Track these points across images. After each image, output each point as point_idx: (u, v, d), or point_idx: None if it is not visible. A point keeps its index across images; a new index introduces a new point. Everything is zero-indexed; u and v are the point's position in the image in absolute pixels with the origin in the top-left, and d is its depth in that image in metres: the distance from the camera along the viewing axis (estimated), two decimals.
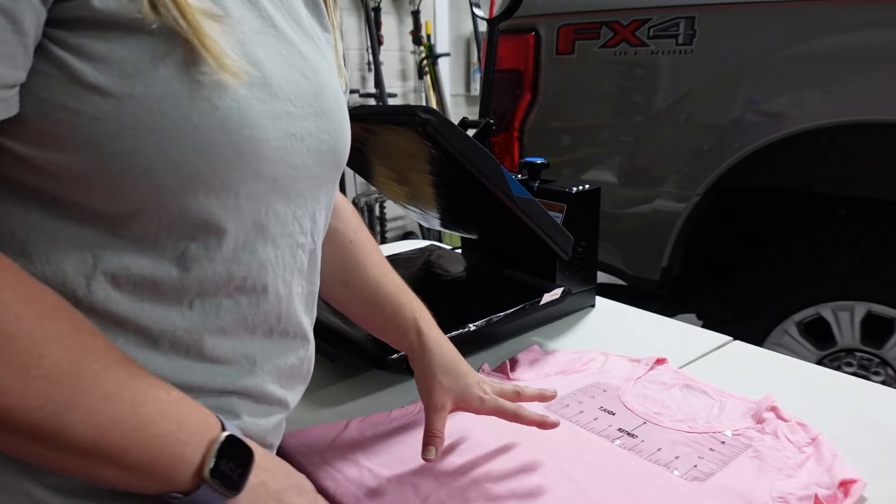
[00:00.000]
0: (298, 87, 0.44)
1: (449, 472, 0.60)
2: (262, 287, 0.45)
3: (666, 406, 0.71)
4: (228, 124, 0.39)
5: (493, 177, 0.75)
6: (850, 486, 0.56)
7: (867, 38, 1.25)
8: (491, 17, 1.23)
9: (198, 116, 0.37)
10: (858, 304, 1.38)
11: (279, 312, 0.47)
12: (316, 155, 0.46)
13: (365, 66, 3.27)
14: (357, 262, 0.65)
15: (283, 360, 0.50)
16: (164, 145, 0.37)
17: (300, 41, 0.46)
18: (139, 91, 0.36)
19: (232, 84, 0.38)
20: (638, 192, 1.57)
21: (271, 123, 0.41)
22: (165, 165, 0.37)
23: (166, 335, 0.41)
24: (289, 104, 0.43)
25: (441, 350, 0.63)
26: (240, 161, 0.40)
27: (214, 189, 0.40)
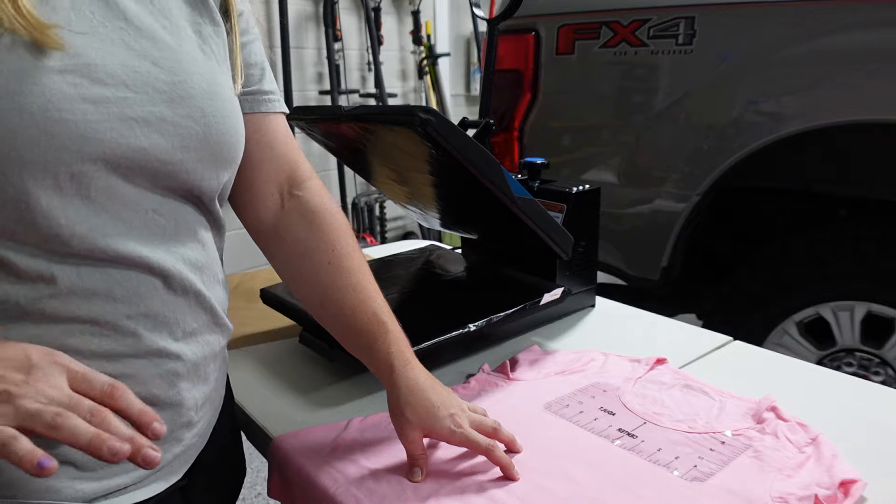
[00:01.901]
0: (142, 74, 0.46)
1: (449, 472, 0.60)
2: (114, 257, 0.47)
3: (666, 406, 0.71)
4: (29, 107, 0.41)
5: (493, 177, 0.75)
6: (850, 486, 0.56)
7: (867, 38, 1.25)
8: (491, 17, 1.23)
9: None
10: (858, 304, 1.38)
11: (142, 277, 0.49)
12: (178, 140, 0.48)
13: (365, 66, 3.27)
14: (333, 286, 0.63)
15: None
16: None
17: (160, 30, 0.49)
18: None
19: (35, 71, 0.41)
20: (638, 192, 1.57)
21: (93, 107, 0.43)
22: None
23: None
24: (124, 89, 0.45)
25: (410, 387, 0.60)
26: (49, 141, 0.42)
27: (27, 169, 0.42)
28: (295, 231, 0.64)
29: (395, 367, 0.61)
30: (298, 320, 0.88)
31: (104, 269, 0.47)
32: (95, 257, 0.46)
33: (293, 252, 0.64)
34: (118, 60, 0.45)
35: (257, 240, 0.67)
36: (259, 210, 0.65)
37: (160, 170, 0.48)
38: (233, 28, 0.57)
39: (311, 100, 3.04)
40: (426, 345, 0.75)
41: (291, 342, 0.90)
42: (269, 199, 0.65)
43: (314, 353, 0.84)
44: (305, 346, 0.85)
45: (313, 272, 0.63)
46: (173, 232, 0.51)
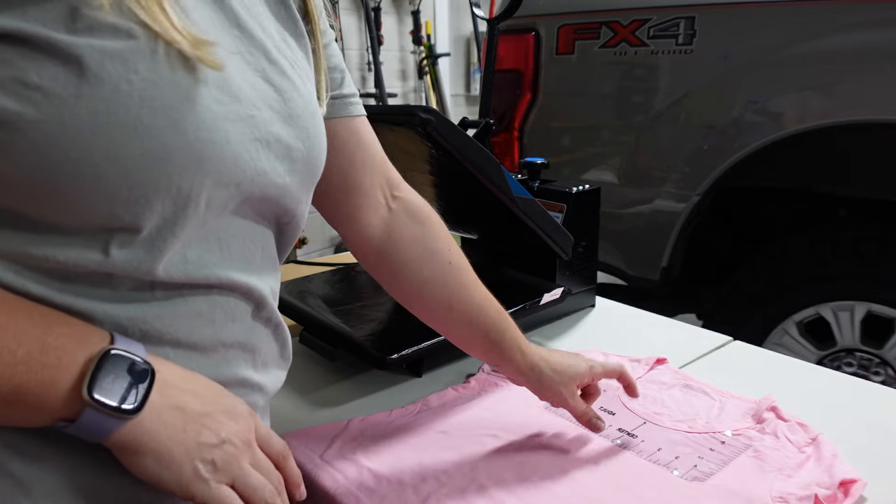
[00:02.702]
0: (260, 91, 0.42)
1: (449, 472, 0.60)
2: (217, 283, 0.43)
3: (666, 406, 0.71)
4: (183, 126, 0.36)
5: (493, 177, 0.75)
6: (850, 486, 0.56)
7: (867, 38, 1.25)
8: (491, 17, 1.23)
9: (149, 117, 0.35)
10: (858, 304, 1.38)
11: (238, 302, 0.45)
12: (288, 163, 0.45)
13: (365, 66, 3.27)
14: (461, 285, 0.62)
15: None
16: (116, 150, 0.35)
17: (265, 40, 0.45)
18: (86, 91, 0.34)
19: (186, 84, 0.37)
20: (638, 192, 1.57)
21: (232, 127, 0.39)
22: (119, 174, 0.35)
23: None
24: (251, 107, 0.41)
25: (545, 358, 0.63)
26: (199, 166, 0.38)
27: (170, 197, 0.37)
28: (410, 233, 0.62)
29: (526, 351, 0.63)
30: (298, 320, 0.88)
31: (207, 292, 0.43)
32: (200, 283, 0.42)
33: (412, 256, 0.62)
34: (242, 75, 0.41)
35: (367, 255, 0.63)
36: (370, 216, 0.61)
37: (269, 194, 0.44)
38: (314, 31, 0.52)
39: None
40: (426, 345, 0.75)
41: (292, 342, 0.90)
42: (377, 202, 0.61)
43: (314, 353, 0.84)
44: (306, 346, 0.85)
45: (439, 274, 0.62)
46: (259, 261, 0.47)
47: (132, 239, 0.38)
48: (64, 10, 0.34)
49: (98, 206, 0.36)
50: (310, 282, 1.00)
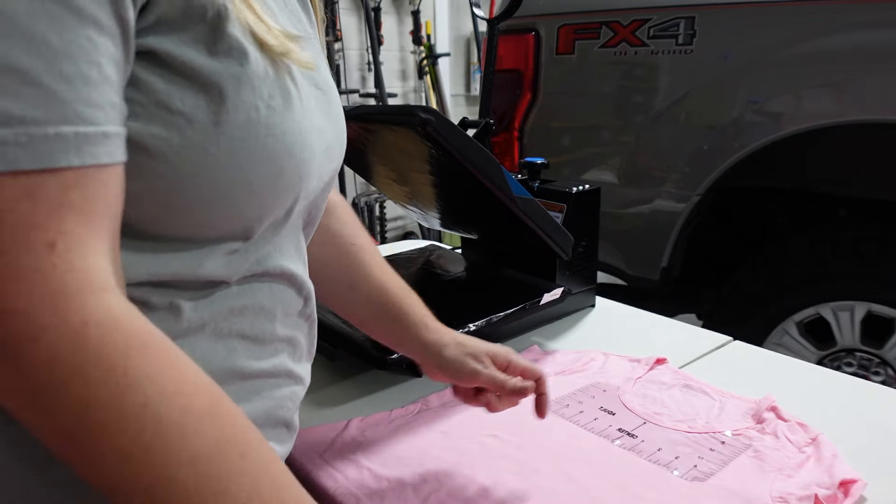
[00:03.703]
0: (322, 99, 0.43)
1: (449, 472, 0.60)
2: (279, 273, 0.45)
3: (666, 406, 0.71)
4: (292, 148, 0.38)
5: (493, 177, 0.75)
6: (850, 486, 0.56)
7: (867, 38, 1.25)
8: (491, 17, 1.23)
9: (272, 143, 0.37)
10: (858, 304, 1.38)
11: (291, 294, 0.47)
12: (336, 163, 0.47)
13: (365, 66, 3.26)
14: (362, 266, 0.64)
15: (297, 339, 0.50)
16: (245, 175, 0.37)
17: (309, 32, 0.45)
18: (224, 118, 0.35)
19: (296, 107, 0.38)
20: (638, 192, 1.57)
21: (316, 141, 0.41)
22: (243, 193, 0.37)
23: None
24: (321, 115, 0.43)
25: (455, 336, 0.63)
26: (298, 184, 0.40)
27: (277, 211, 0.40)
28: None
29: (431, 327, 0.62)
30: None
31: (271, 283, 0.44)
32: (269, 272, 0.44)
33: (314, 239, 0.64)
34: (325, 85, 0.43)
35: None
36: None
37: (322, 195, 0.47)
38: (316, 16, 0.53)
39: None
40: None
41: None
42: None
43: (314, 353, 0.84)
44: None
45: (342, 255, 0.63)
46: (303, 257, 0.50)
47: (237, 247, 0.40)
48: (205, 32, 0.34)
49: (219, 222, 0.38)
50: None
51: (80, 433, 0.30)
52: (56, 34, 0.28)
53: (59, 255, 0.29)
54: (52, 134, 0.29)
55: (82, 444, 0.30)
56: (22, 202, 0.28)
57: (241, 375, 0.43)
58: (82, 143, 0.30)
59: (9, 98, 0.28)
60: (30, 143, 0.28)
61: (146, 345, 0.31)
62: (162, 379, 0.31)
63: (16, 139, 0.28)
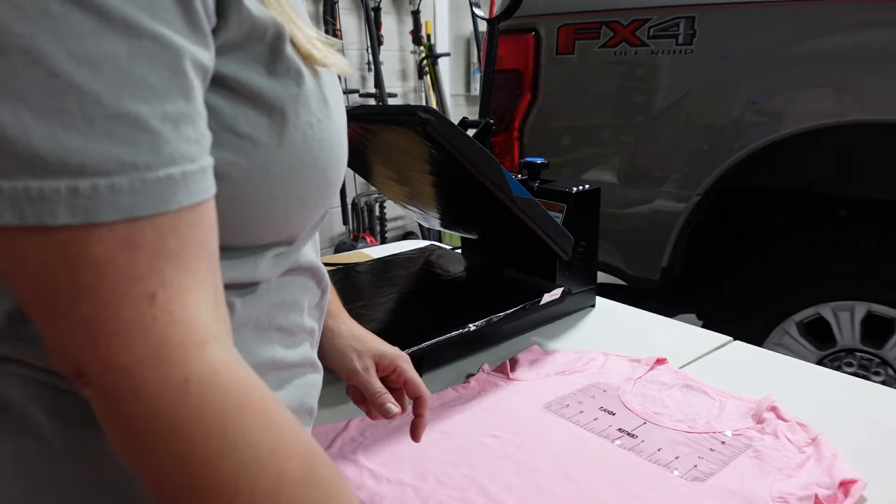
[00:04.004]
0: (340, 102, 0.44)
1: (449, 472, 0.60)
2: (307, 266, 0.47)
3: (666, 406, 0.71)
4: (337, 158, 0.40)
5: (493, 177, 0.75)
6: (850, 486, 0.56)
7: (867, 38, 1.25)
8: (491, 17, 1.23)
9: (323, 156, 0.38)
10: (858, 304, 1.38)
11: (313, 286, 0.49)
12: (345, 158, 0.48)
13: (365, 66, 3.26)
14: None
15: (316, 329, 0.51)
16: (300, 188, 0.38)
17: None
18: (286, 138, 0.36)
19: (334, 115, 0.39)
20: (638, 192, 1.57)
21: (345, 143, 0.43)
22: (296, 205, 0.38)
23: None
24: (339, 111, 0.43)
25: (352, 328, 0.62)
26: (336, 189, 0.42)
27: (318, 216, 0.42)
28: None
29: (334, 313, 0.61)
30: None
31: (298, 278, 0.46)
32: (300, 268, 0.45)
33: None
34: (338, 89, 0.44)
35: None
36: None
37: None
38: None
39: None
40: (426, 345, 0.75)
41: None
42: None
43: None
44: None
45: None
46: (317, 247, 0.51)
47: (283, 250, 0.42)
48: (264, 52, 0.34)
49: (272, 232, 0.39)
50: None
51: (176, 491, 0.30)
52: (157, 75, 0.28)
53: (160, 306, 0.29)
54: (164, 177, 0.28)
55: (177, 500, 0.30)
56: (121, 254, 0.28)
57: (279, 366, 0.45)
58: (189, 181, 0.29)
59: (121, 145, 0.27)
60: (143, 188, 0.28)
61: (244, 403, 0.31)
62: (258, 442, 0.30)
63: (131, 186, 0.27)
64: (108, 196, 0.27)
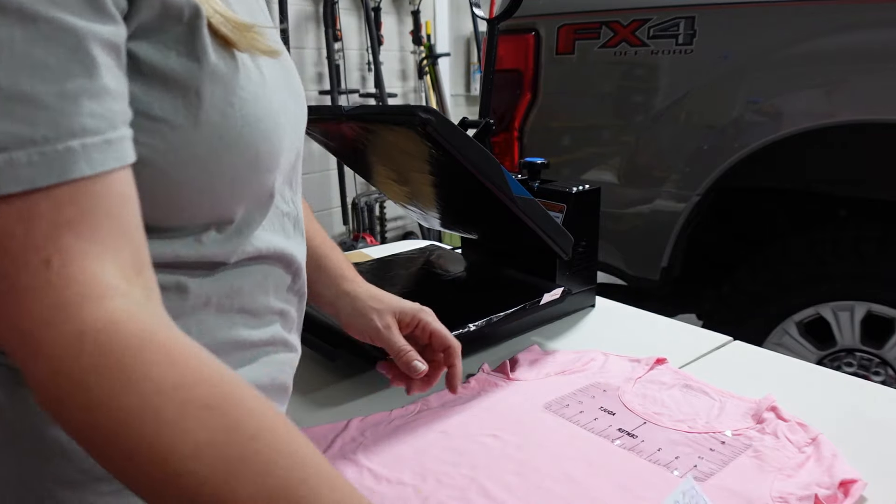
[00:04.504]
0: (285, 75, 0.46)
1: (449, 472, 0.60)
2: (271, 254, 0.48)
3: (666, 406, 0.71)
4: (267, 133, 0.40)
5: (493, 177, 0.75)
6: (850, 486, 0.56)
7: (867, 38, 1.25)
8: (491, 17, 1.23)
9: (248, 132, 0.39)
10: (858, 304, 1.38)
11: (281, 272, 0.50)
12: (300, 134, 0.49)
13: (365, 66, 3.26)
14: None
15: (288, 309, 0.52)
16: (225, 166, 0.39)
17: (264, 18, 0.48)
18: (203, 118, 0.36)
19: (261, 92, 0.40)
20: (638, 192, 1.57)
21: (285, 120, 0.43)
22: (223, 183, 0.39)
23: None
24: (286, 95, 0.45)
25: (369, 289, 0.63)
26: (274, 163, 0.42)
27: (256, 193, 0.43)
28: None
29: (349, 277, 0.63)
30: None
31: (263, 263, 0.47)
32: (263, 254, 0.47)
33: None
34: (283, 67, 0.46)
35: None
36: None
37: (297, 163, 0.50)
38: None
39: (311, 100, 3.03)
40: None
41: None
42: None
43: (314, 353, 0.84)
44: (306, 346, 0.85)
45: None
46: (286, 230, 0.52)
47: (223, 230, 0.42)
48: (182, 33, 0.36)
49: (203, 211, 0.40)
50: None
51: (91, 440, 0.31)
52: (55, 56, 0.30)
53: (56, 271, 0.30)
54: (62, 150, 0.30)
55: (97, 449, 0.31)
56: (18, 225, 0.29)
57: (244, 345, 0.47)
58: (91, 152, 0.31)
59: (19, 123, 0.29)
60: (41, 161, 0.29)
61: (142, 346, 0.31)
62: (159, 376, 0.31)
63: (29, 160, 0.29)
64: (6, 170, 0.29)
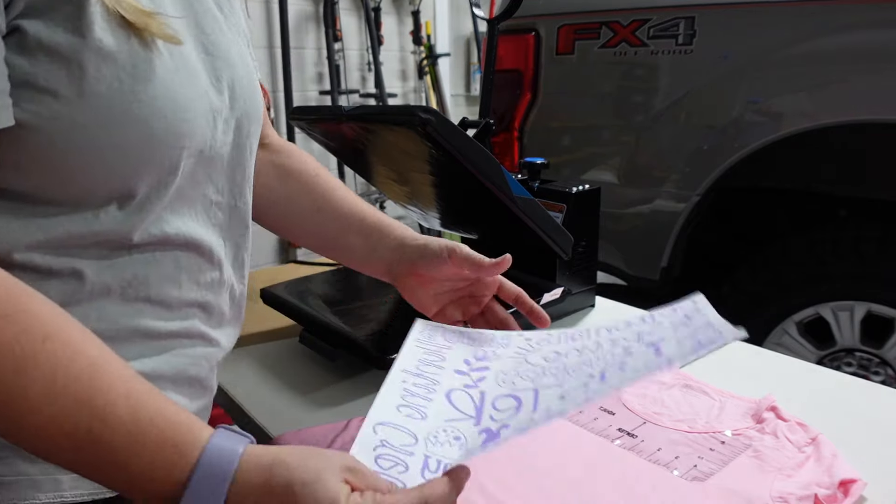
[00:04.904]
0: (211, 64, 0.47)
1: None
2: (184, 242, 0.48)
3: (666, 406, 0.71)
4: (164, 111, 0.42)
5: (493, 177, 0.75)
6: (850, 485, 0.56)
7: (867, 38, 1.25)
8: (491, 17, 1.23)
9: (138, 108, 0.40)
10: (858, 304, 1.38)
11: (200, 263, 0.50)
12: (231, 123, 0.50)
13: (365, 67, 3.27)
14: (328, 189, 0.70)
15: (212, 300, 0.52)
16: (114, 137, 0.40)
17: (207, 15, 0.49)
18: (87, 89, 0.38)
19: (161, 72, 0.41)
20: (638, 192, 1.57)
21: (198, 103, 0.45)
22: (115, 155, 0.41)
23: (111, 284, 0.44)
24: (207, 83, 0.46)
25: (426, 237, 0.67)
26: (176, 142, 0.43)
27: (157, 169, 0.43)
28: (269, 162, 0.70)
29: (410, 230, 0.68)
30: (298, 320, 0.88)
31: (175, 252, 0.48)
32: (171, 241, 0.47)
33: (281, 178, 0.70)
34: (197, 53, 0.46)
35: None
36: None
37: (222, 159, 0.50)
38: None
39: (311, 100, 3.04)
40: None
41: (291, 342, 0.90)
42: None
43: (314, 353, 0.84)
44: (305, 346, 0.85)
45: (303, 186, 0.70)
46: (225, 221, 0.53)
47: (123, 206, 0.43)
48: (70, 12, 0.38)
49: (99, 183, 0.41)
50: (310, 282, 1.00)
51: None
52: None
53: None
54: None
55: None
56: None
57: (148, 335, 0.47)
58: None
59: None
60: None
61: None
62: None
63: None
64: None
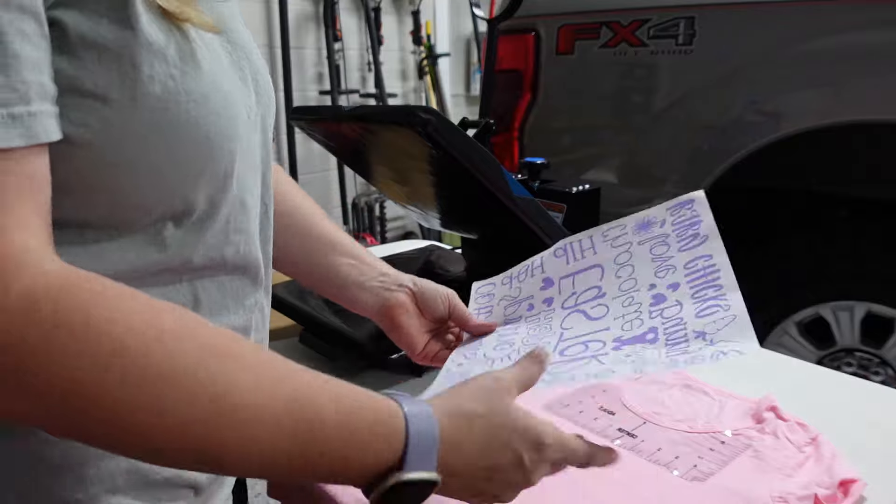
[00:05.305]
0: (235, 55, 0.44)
1: None
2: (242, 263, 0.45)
3: (666, 406, 0.71)
4: (216, 111, 0.38)
5: (493, 177, 0.75)
6: (849, 486, 0.56)
7: (867, 38, 1.25)
8: (491, 17, 1.23)
9: (195, 109, 0.37)
10: (858, 304, 1.38)
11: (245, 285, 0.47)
12: (258, 120, 0.47)
13: (365, 66, 3.27)
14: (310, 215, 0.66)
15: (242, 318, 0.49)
16: (173, 146, 0.36)
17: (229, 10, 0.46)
18: (140, 91, 0.34)
19: (206, 67, 0.38)
20: (638, 192, 1.57)
21: (237, 97, 0.41)
22: (171, 165, 0.37)
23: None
24: (235, 77, 0.43)
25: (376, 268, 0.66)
26: (228, 145, 0.40)
27: (213, 178, 0.40)
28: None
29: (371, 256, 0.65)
30: (299, 320, 0.88)
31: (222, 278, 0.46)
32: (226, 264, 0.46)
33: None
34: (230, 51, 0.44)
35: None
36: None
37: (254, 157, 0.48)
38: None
39: (311, 100, 3.04)
40: None
41: (291, 342, 0.90)
42: None
43: (314, 353, 0.84)
44: (305, 346, 0.85)
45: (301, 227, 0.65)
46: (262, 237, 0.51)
47: (182, 223, 0.39)
48: (111, 2, 0.33)
49: (153, 200, 0.37)
50: None
51: (67, 399, 0.30)
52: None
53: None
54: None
55: (72, 406, 0.30)
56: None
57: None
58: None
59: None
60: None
61: (97, 290, 0.31)
62: (130, 310, 0.31)
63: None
64: None
